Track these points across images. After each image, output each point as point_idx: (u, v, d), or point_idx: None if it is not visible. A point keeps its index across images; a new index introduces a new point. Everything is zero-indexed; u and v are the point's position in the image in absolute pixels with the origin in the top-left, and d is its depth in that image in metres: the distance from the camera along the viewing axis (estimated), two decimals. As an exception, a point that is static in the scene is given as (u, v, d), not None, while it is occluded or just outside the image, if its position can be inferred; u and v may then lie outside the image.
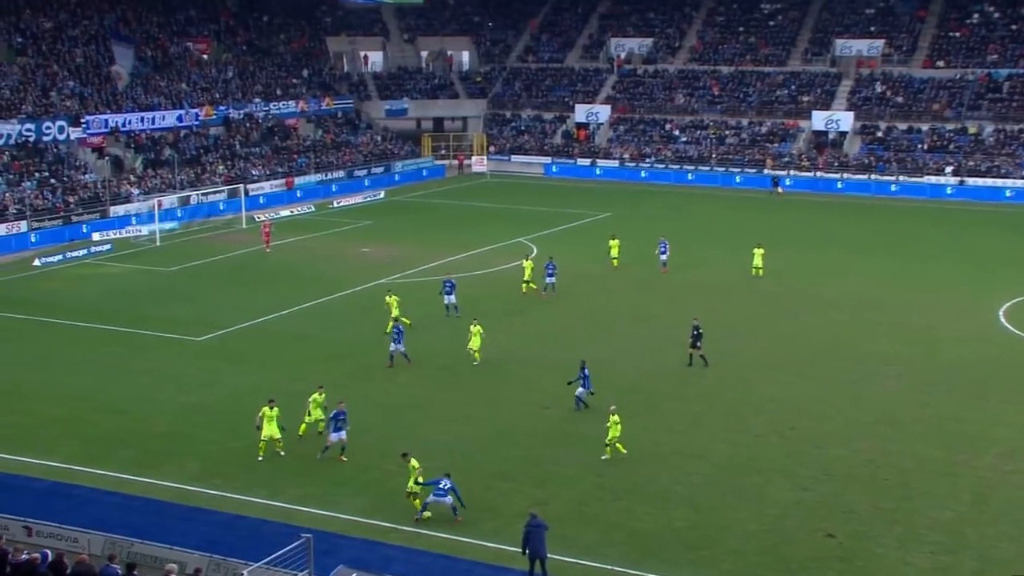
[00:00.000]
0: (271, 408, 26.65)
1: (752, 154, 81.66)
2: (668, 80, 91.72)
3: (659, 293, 44.30)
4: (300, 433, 27.66)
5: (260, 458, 26.31)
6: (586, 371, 29.83)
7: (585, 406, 29.73)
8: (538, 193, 76.31)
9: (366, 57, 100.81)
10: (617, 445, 26.40)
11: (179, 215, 62.47)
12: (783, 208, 69.32)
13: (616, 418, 26.42)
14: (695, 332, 33.81)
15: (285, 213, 66.22)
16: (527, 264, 43.63)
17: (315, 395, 28.14)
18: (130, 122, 69.35)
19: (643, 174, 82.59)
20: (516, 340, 37.09)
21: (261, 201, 69.03)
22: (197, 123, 74.13)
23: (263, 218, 57.28)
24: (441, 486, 22.80)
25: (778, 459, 26.78)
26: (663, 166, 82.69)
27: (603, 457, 26.41)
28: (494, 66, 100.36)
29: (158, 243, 55.83)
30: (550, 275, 43.13)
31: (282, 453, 26.69)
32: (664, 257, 48.12)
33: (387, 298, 38.14)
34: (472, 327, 34.01)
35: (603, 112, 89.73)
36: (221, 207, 65.45)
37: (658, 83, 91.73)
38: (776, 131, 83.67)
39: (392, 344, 33.62)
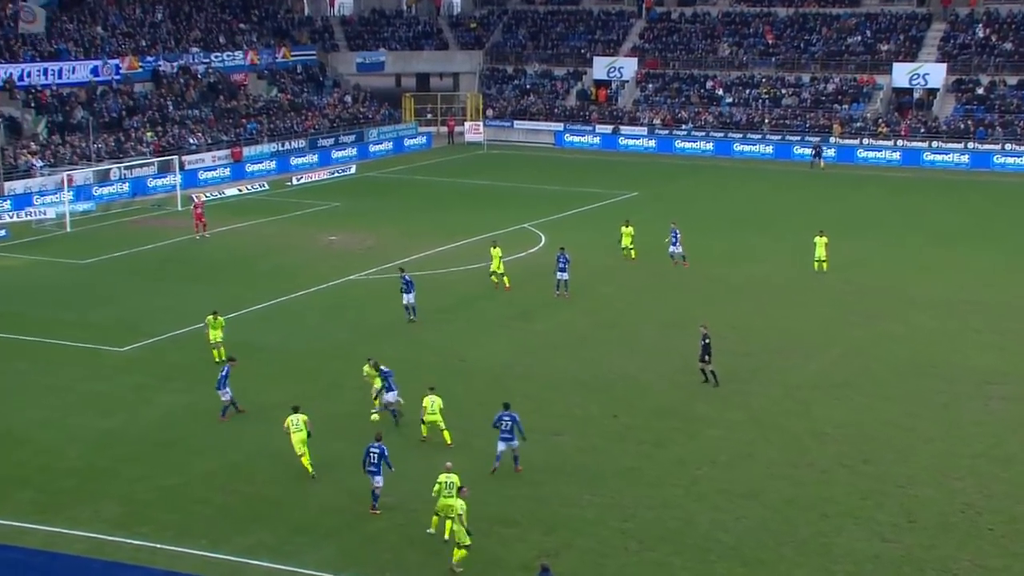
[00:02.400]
0: (296, 417, 27.83)
1: (815, 118, 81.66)
2: (710, 26, 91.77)
3: (696, 292, 44.23)
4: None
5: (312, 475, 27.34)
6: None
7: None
8: (547, 168, 76.25)
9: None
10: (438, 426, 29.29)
11: (95, 193, 62.47)
12: (856, 186, 69.29)
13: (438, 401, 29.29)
14: (704, 343, 33.83)
15: (231, 192, 66.24)
16: (495, 252, 44.07)
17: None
18: (30, 74, 69.33)
19: (678, 144, 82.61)
20: (520, 351, 37.03)
21: (201, 177, 69.07)
22: (118, 77, 74.14)
23: (198, 197, 57.19)
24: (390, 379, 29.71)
25: (849, 501, 26.64)
26: (703, 134, 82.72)
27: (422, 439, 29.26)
28: (492, 8, 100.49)
29: (68, 228, 55.72)
30: (562, 270, 43.19)
31: (312, 474, 27.34)
32: (674, 249, 47.92)
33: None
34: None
35: (628, 67, 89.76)
36: (150, 184, 65.50)
37: (697, 30, 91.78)
38: (846, 89, 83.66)
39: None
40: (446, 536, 24.06)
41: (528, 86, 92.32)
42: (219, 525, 25.20)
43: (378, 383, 31.26)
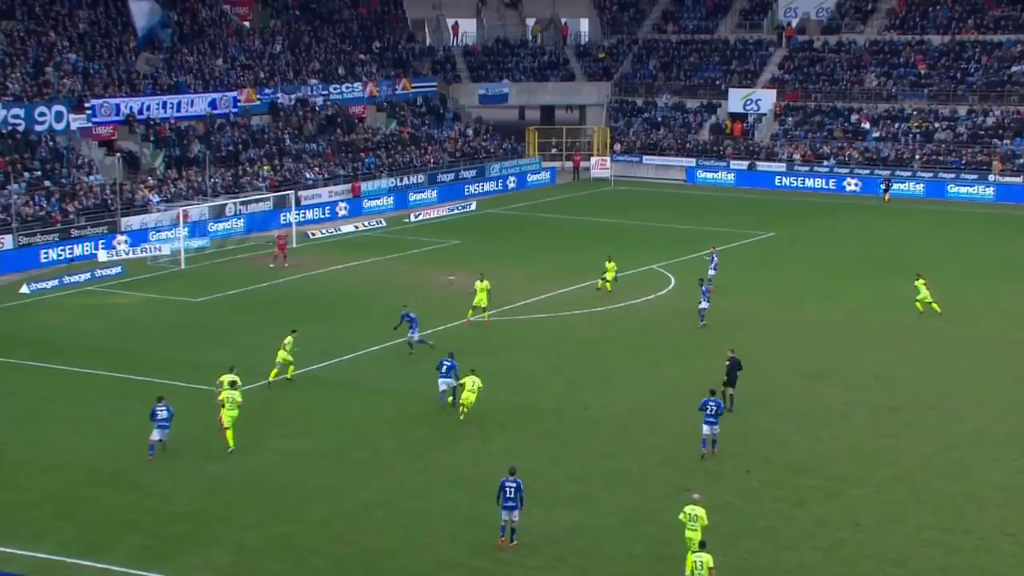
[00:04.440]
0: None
1: (971, 154, 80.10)
2: (856, 55, 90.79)
3: (836, 338, 43.77)
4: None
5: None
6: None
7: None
8: (677, 206, 76.04)
9: (455, 27, 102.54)
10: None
11: (210, 230, 64.24)
12: (1021, 228, 67.74)
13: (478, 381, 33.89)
14: (732, 364, 35.05)
15: (347, 229, 67.45)
16: (480, 287, 44.82)
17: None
18: (149, 108, 71.61)
19: (819, 181, 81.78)
20: (649, 399, 36.95)
21: (316, 213, 70.54)
22: (236, 110, 76.19)
23: (282, 232, 58.46)
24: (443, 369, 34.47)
25: (1013, 574, 25.99)
26: (847, 171, 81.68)
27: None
28: (622, 38, 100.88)
29: (183, 266, 57.27)
30: (706, 299, 44.76)
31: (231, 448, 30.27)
32: (712, 273, 49.88)
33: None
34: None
35: (766, 99, 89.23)
36: (266, 220, 67.07)
37: (842, 59, 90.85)
38: (1008, 123, 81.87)
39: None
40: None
41: (658, 119, 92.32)
42: (336, 571, 25.59)
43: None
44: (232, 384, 32.96)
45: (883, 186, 78.02)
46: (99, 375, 39.69)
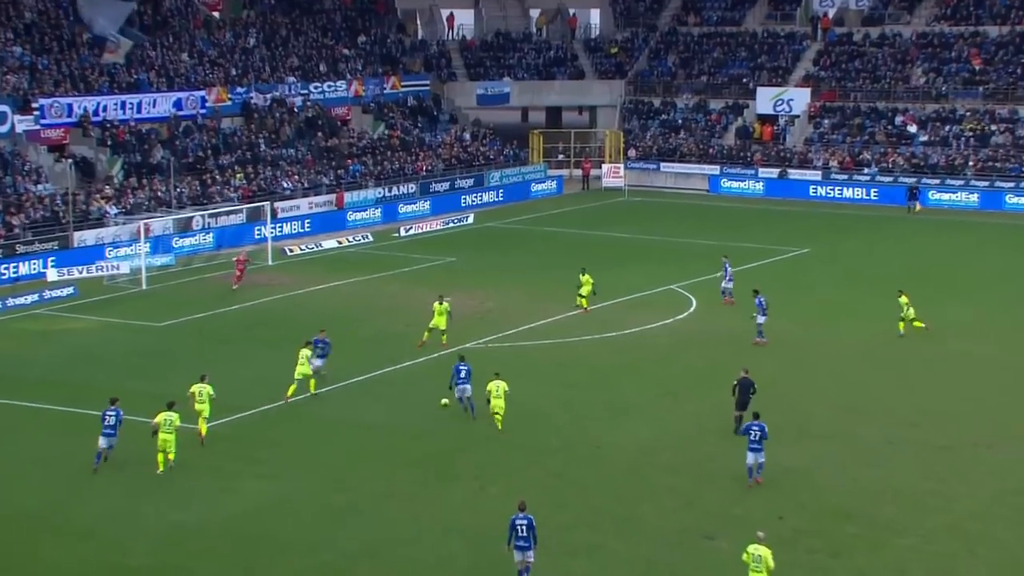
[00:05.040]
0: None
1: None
2: (901, 49, 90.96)
3: (878, 369, 43.72)
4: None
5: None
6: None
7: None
8: (699, 219, 76.09)
9: (451, 18, 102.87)
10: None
11: (175, 245, 64.25)
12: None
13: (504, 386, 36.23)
14: (744, 385, 36.14)
15: (329, 244, 67.47)
16: (439, 308, 45.70)
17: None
18: (105, 108, 71.79)
19: (859, 191, 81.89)
20: (666, 436, 36.84)
21: (294, 227, 70.64)
22: (204, 111, 76.35)
23: (241, 255, 57.93)
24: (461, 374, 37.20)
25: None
26: (890, 179, 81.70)
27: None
28: (637, 31, 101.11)
29: (144, 286, 57.21)
30: (763, 313, 45.99)
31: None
32: (729, 285, 52.01)
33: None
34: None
35: (799, 98, 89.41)
36: (238, 235, 67.10)
37: (885, 54, 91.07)
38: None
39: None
40: None
41: (678, 122, 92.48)
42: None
43: None
44: (202, 377, 36.39)
45: (910, 193, 78.10)
46: (47, 410, 39.48)
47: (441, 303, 45.99)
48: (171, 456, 33.74)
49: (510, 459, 34.89)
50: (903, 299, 47.33)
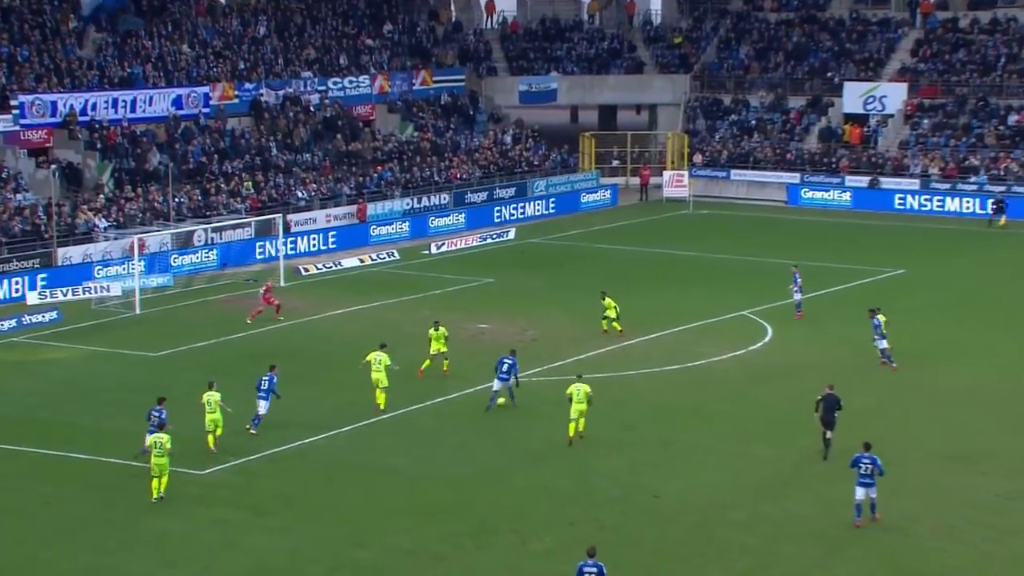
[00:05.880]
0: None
1: None
2: (1016, 36, 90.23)
3: (994, 409, 43.34)
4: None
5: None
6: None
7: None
8: (776, 234, 75.70)
9: (490, 3, 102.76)
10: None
11: (173, 264, 64.21)
12: None
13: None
14: (829, 402, 37.82)
15: (350, 263, 67.38)
16: (434, 335, 46.72)
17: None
18: (94, 107, 71.92)
19: (964, 203, 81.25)
20: (738, 483, 36.53)
21: (310, 243, 70.51)
22: (207, 111, 76.51)
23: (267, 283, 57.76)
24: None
25: None
26: (1002, 188, 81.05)
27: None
28: (704, 17, 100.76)
29: (138, 310, 57.19)
30: (882, 336, 47.15)
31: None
32: (798, 297, 54.43)
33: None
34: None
35: (894, 95, 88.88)
36: (246, 252, 67.16)
37: (997, 42, 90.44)
38: None
39: None
40: None
41: (752, 122, 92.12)
42: None
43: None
44: (210, 384, 38.88)
45: (993, 207, 77.62)
46: (24, 452, 39.31)
47: (436, 329, 46.87)
48: (164, 480, 34.56)
49: (556, 510, 34.53)
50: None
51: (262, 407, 40.27)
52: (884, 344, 47.16)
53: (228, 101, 77.64)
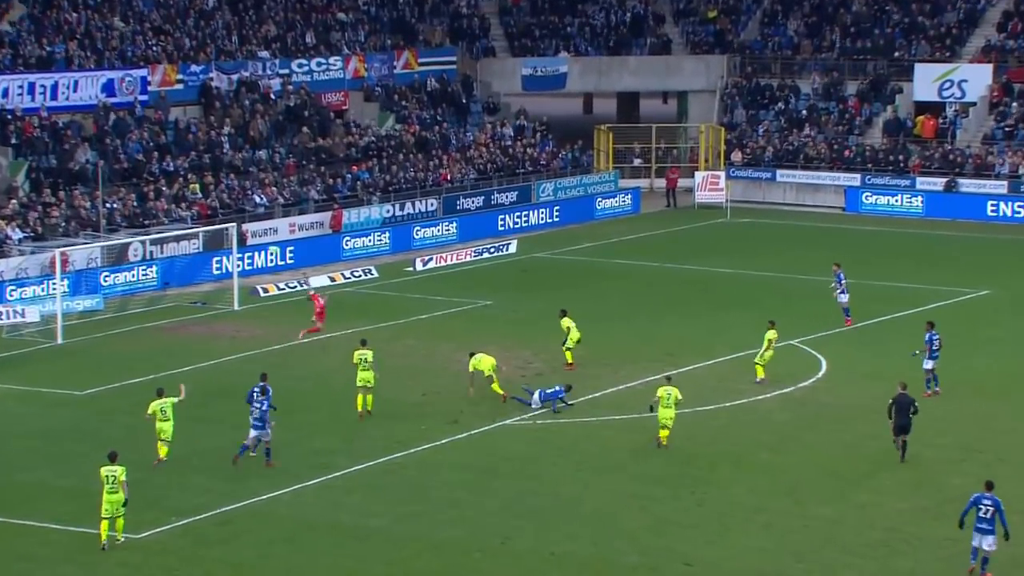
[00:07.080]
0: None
1: None
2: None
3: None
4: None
5: None
6: None
7: None
8: (831, 247, 75.66)
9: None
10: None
11: (104, 283, 64.26)
12: None
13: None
14: (902, 404, 40.00)
15: (319, 282, 67.46)
16: (358, 356, 47.87)
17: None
18: (6, 93, 71.97)
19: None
20: (784, 549, 36.55)
21: (270, 258, 70.59)
22: (144, 98, 76.55)
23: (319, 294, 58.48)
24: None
25: None
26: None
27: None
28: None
29: (60, 340, 57.26)
30: (933, 355, 48.37)
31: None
32: (844, 299, 57.60)
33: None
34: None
35: (976, 79, 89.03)
36: (193, 268, 67.21)
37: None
38: None
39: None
40: None
41: (802, 113, 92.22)
42: None
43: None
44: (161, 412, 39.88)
45: None
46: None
47: (363, 348, 47.93)
48: (119, 523, 34.74)
49: (566, 581, 34.52)
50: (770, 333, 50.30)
51: (266, 435, 42.08)
52: (929, 364, 48.10)
53: (170, 87, 77.85)
